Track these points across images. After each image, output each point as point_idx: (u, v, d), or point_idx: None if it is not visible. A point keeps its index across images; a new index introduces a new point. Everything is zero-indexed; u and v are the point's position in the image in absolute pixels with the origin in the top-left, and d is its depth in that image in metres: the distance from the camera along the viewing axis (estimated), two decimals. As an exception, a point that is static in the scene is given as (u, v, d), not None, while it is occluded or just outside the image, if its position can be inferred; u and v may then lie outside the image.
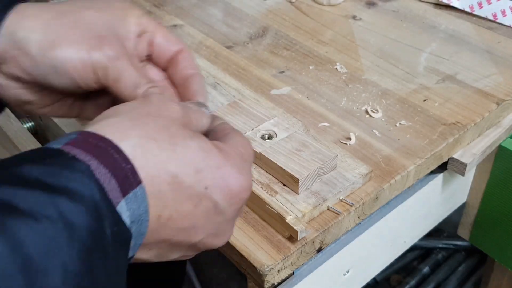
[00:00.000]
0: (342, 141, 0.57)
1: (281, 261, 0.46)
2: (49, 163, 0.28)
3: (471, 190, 0.72)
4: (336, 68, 0.69)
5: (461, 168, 0.60)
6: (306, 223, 0.48)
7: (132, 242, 0.31)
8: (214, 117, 0.40)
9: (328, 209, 0.49)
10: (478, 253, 1.29)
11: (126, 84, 0.40)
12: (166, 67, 0.45)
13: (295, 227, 0.45)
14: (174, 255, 0.36)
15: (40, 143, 0.59)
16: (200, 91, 0.44)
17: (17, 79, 0.40)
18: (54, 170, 0.28)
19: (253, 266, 0.45)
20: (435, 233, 1.34)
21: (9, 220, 0.25)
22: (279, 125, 0.54)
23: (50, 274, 0.25)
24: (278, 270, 0.46)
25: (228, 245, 0.47)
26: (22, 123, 0.63)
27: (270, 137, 0.53)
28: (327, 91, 0.65)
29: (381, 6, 0.82)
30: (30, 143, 0.58)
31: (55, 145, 0.30)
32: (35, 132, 0.66)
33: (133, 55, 0.42)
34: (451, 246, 1.31)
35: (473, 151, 0.60)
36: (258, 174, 0.51)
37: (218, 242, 0.36)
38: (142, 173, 0.30)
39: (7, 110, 0.64)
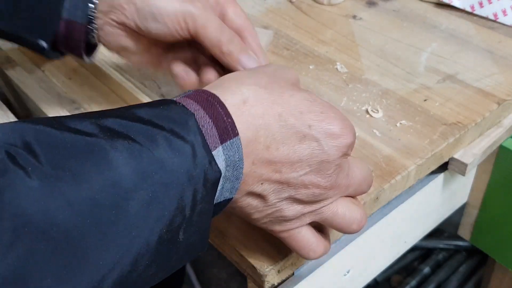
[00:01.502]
0: (342, 141, 0.57)
1: (281, 261, 0.45)
2: (162, 108, 0.33)
3: (471, 190, 0.72)
4: (336, 68, 0.68)
5: (461, 168, 0.60)
6: None
7: (228, 185, 0.35)
8: None
9: None
10: (479, 254, 1.29)
11: (212, 29, 0.46)
12: None
13: None
14: (284, 197, 0.38)
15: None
16: (256, 44, 0.50)
17: (121, 26, 0.47)
18: (165, 113, 0.33)
19: (253, 266, 0.45)
20: (436, 233, 1.34)
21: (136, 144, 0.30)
22: None
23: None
24: (278, 271, 0.46)
25: (228, 245, 0.47)
26: (21, 123, 0.63)
27: None
28: (327, 91, 0.64)
29: (382, 6, 0.82)
30: (30, 143, 0.58)
31: (175, 98, 0.36)
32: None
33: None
34: (452, 247, 1.31)
35: (474, 151, 0.60)
36: None
37: (322, 182, 0.38)
38: (246, 118, 0.35)
39: (6, 110, 0.64)
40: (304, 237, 0.41)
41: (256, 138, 0.36)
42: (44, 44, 0.47)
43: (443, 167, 0.60)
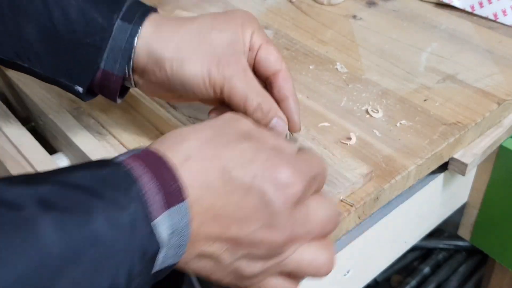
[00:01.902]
0: (342, 141, 0.57)
1: (281, 261, 0.45)
2: (105, 172, 0.32)
3: (472, 190, 0.71)
4: (336, 68, 0.68)
5: (462, 168, 0.60)
6: None
7: (172, 251, 0.33)
8: (301, 150, 0.41)
9: None
10: (479, 254, 1.29)
11: (238, 99, 0.46)
12: (267, 83, 0.50)
13: None
14: (240, 255, 0.35)
15: (40, 143, 0.59)
16: (291, 117, 0.49)
17: (156, 83, 0.48)
18: (107, 179, 0.31)
19: (253, 266, 0.45)
20: (436, 233, 1.34)
21: (45, 215, 0.28)
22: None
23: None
24: (278, 271, 0.46)
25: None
26: (22, 123, 0.63)
27: None
28: (327, 91, 0.64)
29: (382, 6, 0.82)
30: (29, 143, 0.58)
31: (121, 157, 0.34)
32: (35, 132, 0.66)
33: (247, 69, 0.47)
34: (452, 247, 1.31)
35: (474, 151, 0.60)
36: None
37: (275, 236, 0.35)
38: (189, 176, 0.33)
39: (7, 110, 0.64)
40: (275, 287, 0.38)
41: (200, 197, 0.33)
42: (80, 89, 0.48)
43: (443, 167, 0.60)
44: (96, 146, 0.56)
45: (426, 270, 1.26)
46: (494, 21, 0.77)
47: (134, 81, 0.49)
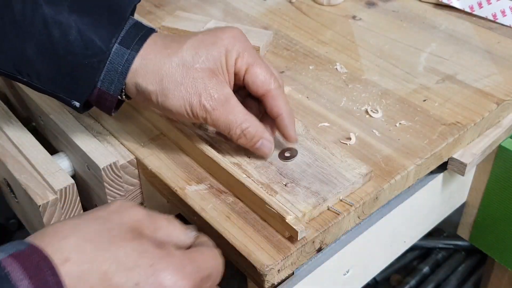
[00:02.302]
0: (342, 141, 0.57)
1: (281, 261, 0.46)
2: None
3: (471, 190, 0.72)
4: (336, 68, 0.69)
5: (461, 168, 0.60)
6: (306, 223, 0.48)
7: None
8: (198, 237, 0.42)
9: (328, 209, 0.49)
10: (478, 253, 1.29)
11: (221, 129, 0.49)
12: (260, 101, 0.52)
13: (295, 227, 0.45)
14: None
15: (41, 143, 0.59)
16: (285, 132, 0.51)
17: (145, 104, 0.52)
18: None
19: (253, 266, 0.45)
20: (435, 233, 1.34)
21: None
22: (220, 23, 0.68)
23: None
24: (278, 270, 0.46)
25: (228, 245, 0.47)
26: (22, 123, 0.63)
27: None
28: (327, 91, 0.65)
29: (381, 6, 0.82)
30: (30, 143, 0.58)
31: (4, 251, 0.32)
32: (35, 132, 0.66)
33: (230, 97, 0.49)
34: (451, 246, 1.31)
35: (473, 151, 0.60)
36: (258, 174, 0.51)
37: None
38: (69, 281, 0.32)
39: (8, 110, 0.64)
40: None
41: None
42: (77, 104, 0.49)
43: (443, 167, 0.61)
44: (96, 146, 0.56)
45: (426, 269, 1.27)
46: (493, 21, 0.77)
47: (128, 99, 0.51)
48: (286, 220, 0.45)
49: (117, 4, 0.48)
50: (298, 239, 0.46)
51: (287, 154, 0.53)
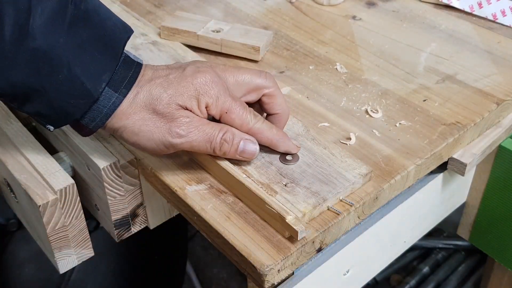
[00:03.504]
0: (342, 141, 0.57)
1: (281, 261, 0.46)
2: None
3: (471, 190, 0.72)
4: (336, 68, 0.69)
5: (461, 168, 0.60)
6: (306, 223, 0.48)
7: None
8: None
9: (328, 209, 0.49)
10: (478, 253, 1.29)
11: (202, 144, 0.49)
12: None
13: (295, 227, 0.45)
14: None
15: (40, 143, 0.59)
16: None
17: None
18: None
19: (253, 266, 0.45)
20: (435, 233, 1.34)
21: None
22: (220, 23, 0.72)
23: None
24: (278, 270, 0.46)
25: (228, 245, 0.47)
26: (22, 123, 0.63)
27: (218, 31, 0.70)
28: (327, 91, 0.65)
29: (381, 6, 0.82)
30: (30, 143, 0.58)
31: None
32: (35, 132, 0.66)
33: (197, 119, 0.50)
34: (451, 246, 1.31)
35: (473, 151, 0.60)
36: (258, 174, 0.51)
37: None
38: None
39: (8, 110, 0.64)
40: None
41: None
42: (51, 128, 0.49)
43: (443, 167, 0.61)
44: (96, 146, 0.56)
45: (426, 269, 1.27)
46: (493, 21, 0.77)
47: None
48: (286, 220, 0.46)
49: (112, 36, 0.48)
50: (298, 239, 0.46)
51: (288, 158, 0.53)
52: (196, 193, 0.52)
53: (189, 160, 0.55)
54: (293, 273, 0.50)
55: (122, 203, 0.58)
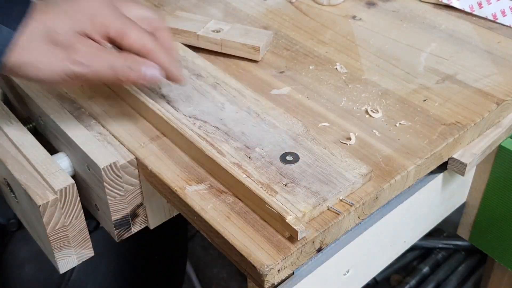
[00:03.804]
0: (342, 141, 0.57)
1: (281, 261, 0.46)
2: None
3: (471, 190, 0.72)
4: (336, 68, 0.69)
5: (461, 168, 0.60)
6: (306, 223, 0.48)
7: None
8: None
9: (328, 209, 0.49)
10: (478, 253, 1.29)
11: (107, 73, 0.51)
12: None
13: (295, 227, 0.45)
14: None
15: (40, 143, 0.59)
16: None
17: None
18: None
19: (253, 266, 0.45)
20: (435, 233, 1.34)
21: None
22: (220, 23, 0.72)
23: None
24: (278, 270, 0.46)
25: (228, 245, 0.47)
26: (22, 123, 0.63)
27: (218, 31, 0.70)
28: (327, 91, 0.65)
29: (381, 6, 0.82)
30: (30, 143, 0.58)
31: None
32: (35, 132, 0.66)
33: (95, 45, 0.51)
34: (451, 246, 1.31)
35: (473, 151, 0.60)
36: (258, 174, 0.51)
37: None
38: None
39: (8, 110, 0.64)
40: None
41: None
42: None
43: (443, 167, 0.61)
44: (96, 146, 0.56)
45: (426, 269, 1.27)
46: (493, 21, 0.77)
47: None
48: (286, 220, 0.46)
49: None
50: (298, 239, 0.46)
51: (289, 158, 0.52)
52: (196, 193, 0.52)
53: (189, 160, 0.56)
54: (293, 273, 0.50)
55: (122, 203, 0.58)
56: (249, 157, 0.53)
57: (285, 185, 0.50)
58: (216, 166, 0.52)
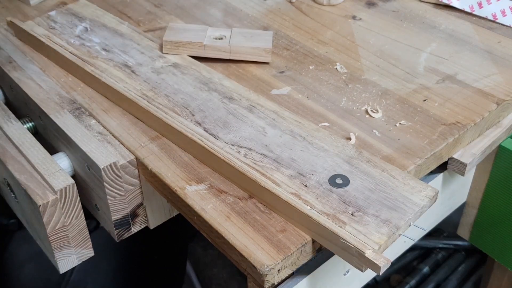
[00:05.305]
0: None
1: (281, 261, 0.46)
2: None
3: (471, 190, 0.72)
4: (336, 68, 0.69)
5: (461, 168, 0.60)
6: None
7: None
8: None
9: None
10: (478, 253, 1.29)
11: None
12: None
13: (376, 262, 0.43)
14: None
15: (40, 143, 0.59)
16: None
17: None
18: None
19: (253, 266, 0.45)
20: (435, 233, 1.34)
21: None
22: (217, 30, 0.71)
23: None
24: (278, 270, 0.46)
25: (228, 245, 0.47)
26: (22, 123, 0.63)
27: (221, 38, 0.69)
28: (327, 91, 0.65)
29: (381, 6, 0.82)
30: (30, 143, 0.59)
31: None
32: (35, 132, 0.66)
33: None
34: (451, 246, 1.31)
35: (473, 151, 0.60)
36: (320, 204, 0.48)
37: None
38: None
39: (7, 110, 0.64)
40: None
41: None
42: None
43: (443, 167, 0.61)
44: (96, 146, 0.56)
45: (426, 269, 1.27)
46: (493, 21, 0.77)
47: None
48: (366, 255, 0.43)
49: None
50: (380, 274, 0.44)
51: (338, 181, 0.50)
52: (196, 193, 0.52)
53: (189, 160, 0.55)
54: (293, 273, 0.50)
55: (122, 203, 0.58)
56: (305, 186, 0.50)
57: (352, 214, 0.47)
58: (275, 198, 0.49)
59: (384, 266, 0.43)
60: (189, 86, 0.63)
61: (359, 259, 0.44)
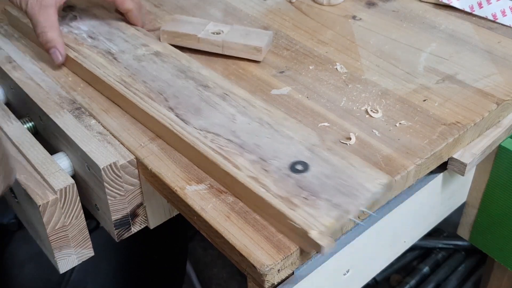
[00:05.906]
0: (342, 141, 0.57)
1: (281, 261, 0.46)
2: None
3: (471, 190, 0.72)
4: (336, 68, 0.69)
5: (461, 168, 0.60)
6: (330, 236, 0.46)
7: None
8: None
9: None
10: (478, 253, 1.29)
11: (33, 23, 0.69)
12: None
13: (319, 242, 0.44)
14: None
15: (40, 143, 0.59)
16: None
17: None
18: None
19: (253, 265, 0.45)
20: (435, 233, 1.34)
21: None
22: (218, 25, 0.72)
23: None
24: (278, 270, 0.46)
25: (228, 245, 0.47)
26: (22, 123, 0.63)
27: (219, 33, 0.70)
28: (327, 91, 0.65)
29: (381, 6, 0.82)
30: (30, 143, 0.58)
31: None
32: (35, 132, 0.66)
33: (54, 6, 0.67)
34: (451, 246, 1.31)
35: (473, 151, 0.60)
36: (276, 187, 0.49)
37: None
38: None
39: (7, 110, 0.64)
40: None
41: None
42: None
43: (442, 167, 0.61)
44: (96, 146, 0.56)
45: (425, 269, 1.27)
46: (493, 21, 0.77)
47: None
48: (309, 235, 0.44)
49: None
50: (323, 254, 0.45)
51: (298, 167, 0.51)
52: (196, 193, 0.52)
53: (189, 160, 0.55)
54: (293, 273, 0.50)
55: (122, 203, 0.58)
56: (266, 170, 0.51)
57: (305, 198, 0.48)
58: (233, 180, 0.50)
59: (327, 246, 0.43)
60: (168, 74, 0.65)
61: (304, 240, 0.45)
